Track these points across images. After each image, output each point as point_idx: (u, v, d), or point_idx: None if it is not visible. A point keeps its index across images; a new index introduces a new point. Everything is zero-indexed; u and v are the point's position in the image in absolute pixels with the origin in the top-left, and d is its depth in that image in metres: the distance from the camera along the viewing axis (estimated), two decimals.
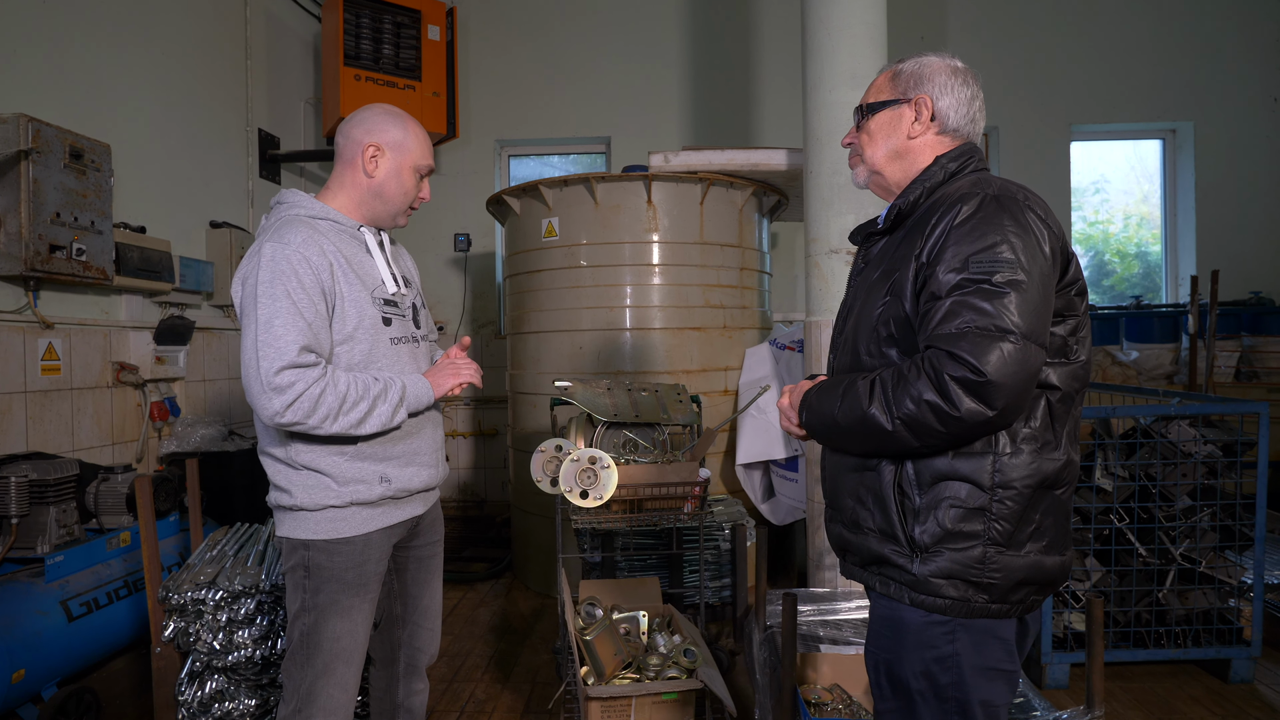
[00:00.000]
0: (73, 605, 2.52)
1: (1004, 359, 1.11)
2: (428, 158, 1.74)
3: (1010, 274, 1.15)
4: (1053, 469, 1.23)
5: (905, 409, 1.17)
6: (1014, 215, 1.20)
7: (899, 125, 1.38)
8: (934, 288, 1.20)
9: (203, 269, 3.89)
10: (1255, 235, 5.43)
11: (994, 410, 1.13)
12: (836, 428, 1.29)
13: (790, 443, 3.62)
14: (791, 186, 4.11)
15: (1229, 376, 4.91)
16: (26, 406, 2.97)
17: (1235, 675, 2.75)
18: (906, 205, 1.34)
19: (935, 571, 1.22)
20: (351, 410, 1.53)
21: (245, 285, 1.53)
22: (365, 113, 1.71)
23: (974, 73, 1.40)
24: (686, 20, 5.61)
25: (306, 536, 1.59)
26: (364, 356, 1.62)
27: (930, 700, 1.26)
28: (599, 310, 3.76)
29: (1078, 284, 1.27)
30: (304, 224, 1.58)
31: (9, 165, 2.74)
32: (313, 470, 1.59)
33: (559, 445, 2.50)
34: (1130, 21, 5.49)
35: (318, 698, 1.61)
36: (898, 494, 1.27)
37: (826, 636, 2.57)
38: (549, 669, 3.02)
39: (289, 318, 1.48)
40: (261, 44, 4.66)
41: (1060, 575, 1.28)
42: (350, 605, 1.62)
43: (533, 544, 3.94)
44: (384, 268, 1.68)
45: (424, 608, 1.89)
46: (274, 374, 1.46)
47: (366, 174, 1.67)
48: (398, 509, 1.69)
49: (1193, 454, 2.72)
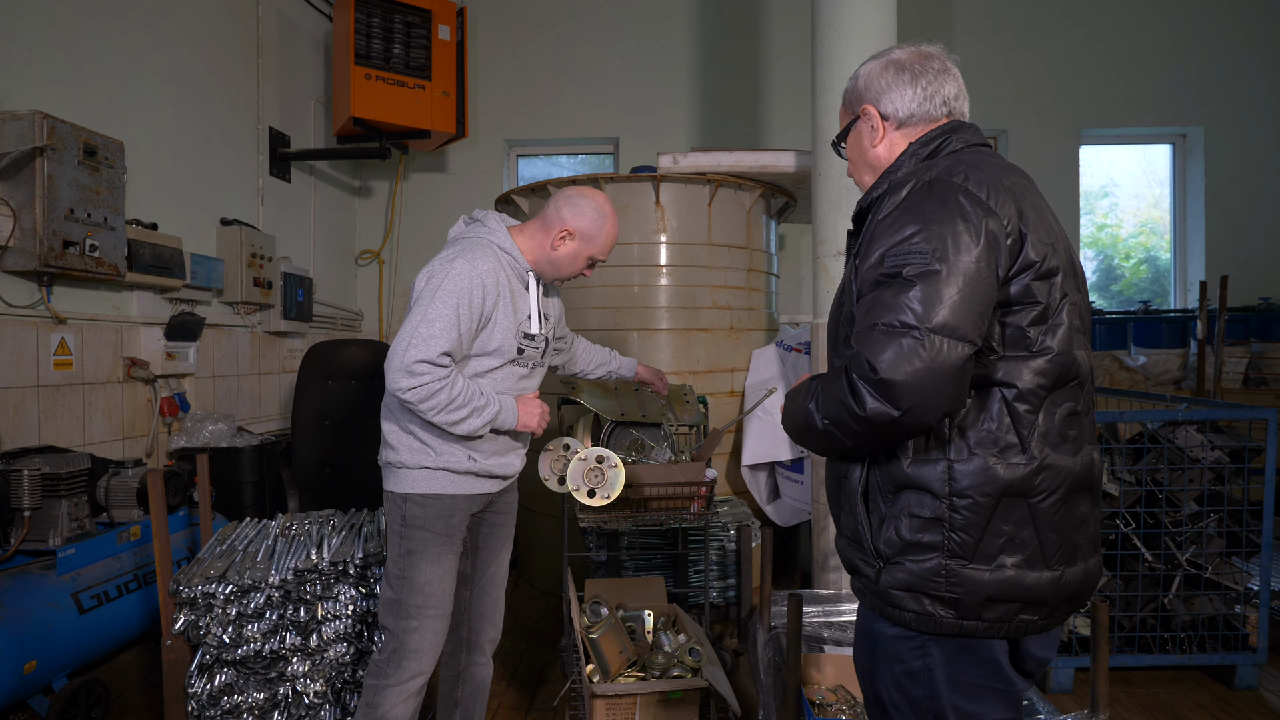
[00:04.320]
0: (84, 598, 2.55)
1: (900, 356, 1.06)
2: (605, 254, 2.06)
3: (922, 265, 1.09)
4: (1016, 475, 1.13)
5: (829, 408, 1.16)
6: (941, 199, 1.13)
7: (860, 141, 1.39)
8: (859, 285, 1.20)
9: (213, 266, 3.92)
10: (1265, 241, 5.40)
11: (899, 410, 1.07)
12: (795, 427, 1.28)
13: (795, 444, 3.63)
14: (799, 188, 4.11)
15: (1237, 382, 4.89)
16: (39, 400, 2.99)
17: (1240, 682, 2.74)
18: (868, 203, 1.30)
19: (895, 583, 1.18)
20: (454, 412, 1.80)
21: (430, 281, 1.82)
22: (580, 199, 2.00)
23: (925, 51, 1.33)
24: (696, 21, 5.62)
25: (405, 490, 1.90)
26: (490, 370, 1.94)
27: (906, 711, 1.23)
28: (606, 310, 3.77)
29: (1036, 267, 1.15)
30: (494, 254, 1.92)
31: (24, 161, 2.77)
32: (418, 438, 1.90)
33: (567, 444, 2.51)
34: (1140, 25, 5.47)
35: (410, 639, 1.89)
36: (864, 501, 1.24)
37: (831, 637, 2.58)
38: (554, 667, 3.03)
39: (447, 325, 1.78)
40: (273, 43, 4.69)
41: (1054, 593, 1.17)
42: (439, 553, 1.91)
43: (538, 542, 3.95)
44: (535, 308, 2.00)
45: (490, 574, 2.19)
46: (414, 361, 1.74)
47: (552, 247, 1.99)
48: (479, 483, 1.97)
49: (1200, 460, 2.72)
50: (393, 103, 4.69)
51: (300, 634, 2.27)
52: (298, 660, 2.28)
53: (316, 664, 2.28)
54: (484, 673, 2.20)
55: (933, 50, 1.34)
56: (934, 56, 1.33)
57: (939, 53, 1.34)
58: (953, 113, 1.33)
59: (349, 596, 2.30)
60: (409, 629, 1.89)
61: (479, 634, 2.18)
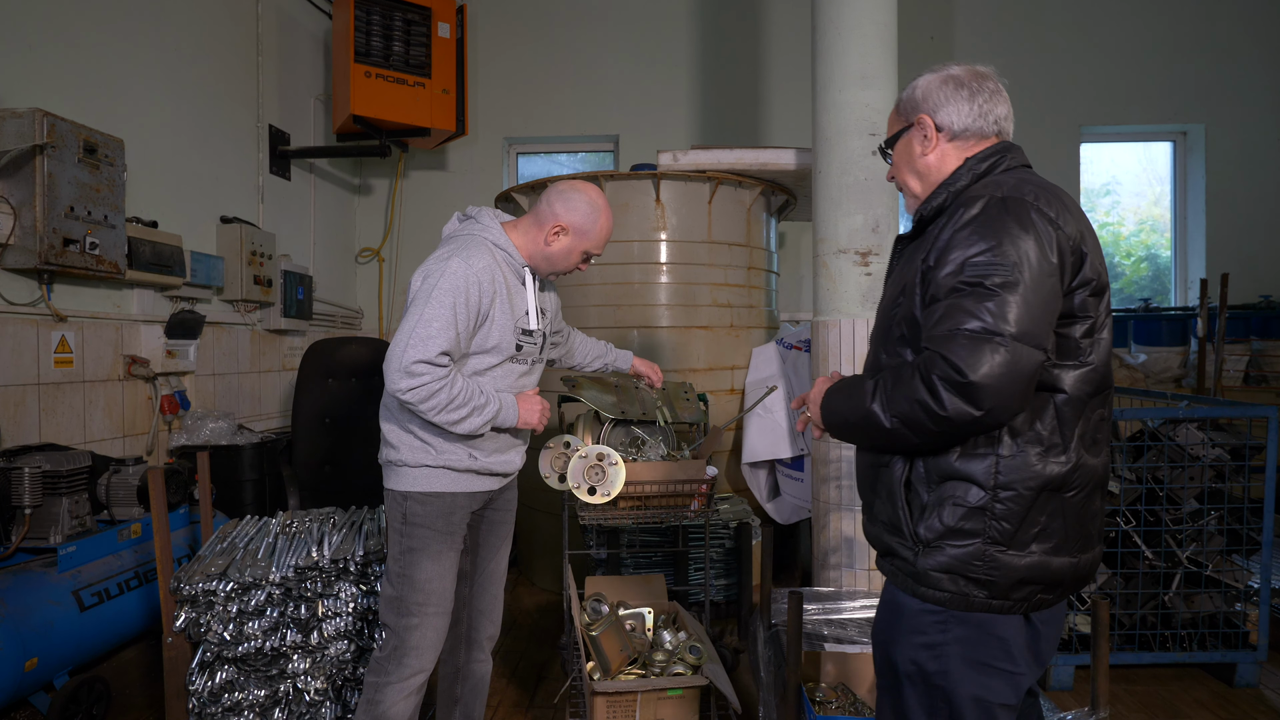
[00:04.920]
0: (84, 595, 2.55)
1: (990, 361, 1.14)
2: (600, 248, 2.03)
3: (1005, 276, 1.18)
4: (1058, 472, 1.24)
5: (900, 408, 1.23)
6: (1018, 217, 1.21)
7: (911, 149, 1.45)
8: (934, 290, 1.26)
9: (213, 264, 3.92)
10: (1265, 239, 5.40)
11: (980, 410, 1.16)
12: (846, 425, 1.38)
13: (796, 442, 3.63)
14: (800, 186, 4.11)
15: (1238, 380, 4.89)
16: (39, 398, 2.99)
17: (1241, 679, 2.75)
18: (929, 211, 1.38)
19: (935, 566, 1.27)
20: (454, 411, 1.80)
21: (425, 281, 1.81)
22: (572, 193, 1.97)
23: (980, 71, 1.41)
24: (695, 19, 5.61)
25: (406, 489, 1.90)
26: (489, 367, 1.93)
27: (917, 684, 1.31)
28: (606, 308, 3.76)
29: (1092, 284, 1.26)
30: (489, 250, 1.90)
31: (24, 159, 2.77)
32: (418, 437, 1.89)
33: (567, 442, 2.51)
34: (1141, 23, 5.46)
35: (411, 636, 1.89)
36: (905, 490, 1.32)
37: (831, 635, 2.57)
38: (554, 664, 3.04)
39: (445, 324, 1.76)
40: (273, 40, 4.68)
41: (1071, 576, 1.28)
42: (440, 551, 1.91)
43: (538, 540, 3.96)
44: (532, 303, 1.99)
45: (490, 571, 2.20)
46: (413, 362, 1.73)
47: (546, 243, 1.97)
48: (480, 481, 1.97)
49: (1200, 457, 2.72)
50: (392, 100, 4.68)
51: (301, 631, 2.28)
52: (298, 657, 2.28)
53: (317, 661, 2.29)
54: (483, 669, 2.21)
55: (987, 71, 1.42)
56: (989, 77, 1.41)
57: (992, 74, 1.42)
58: (1001, 132, 1.42)
59: (349, 594, 2.31)
60: (410, 626, 1.90)
61: (478, 631, 2.19)
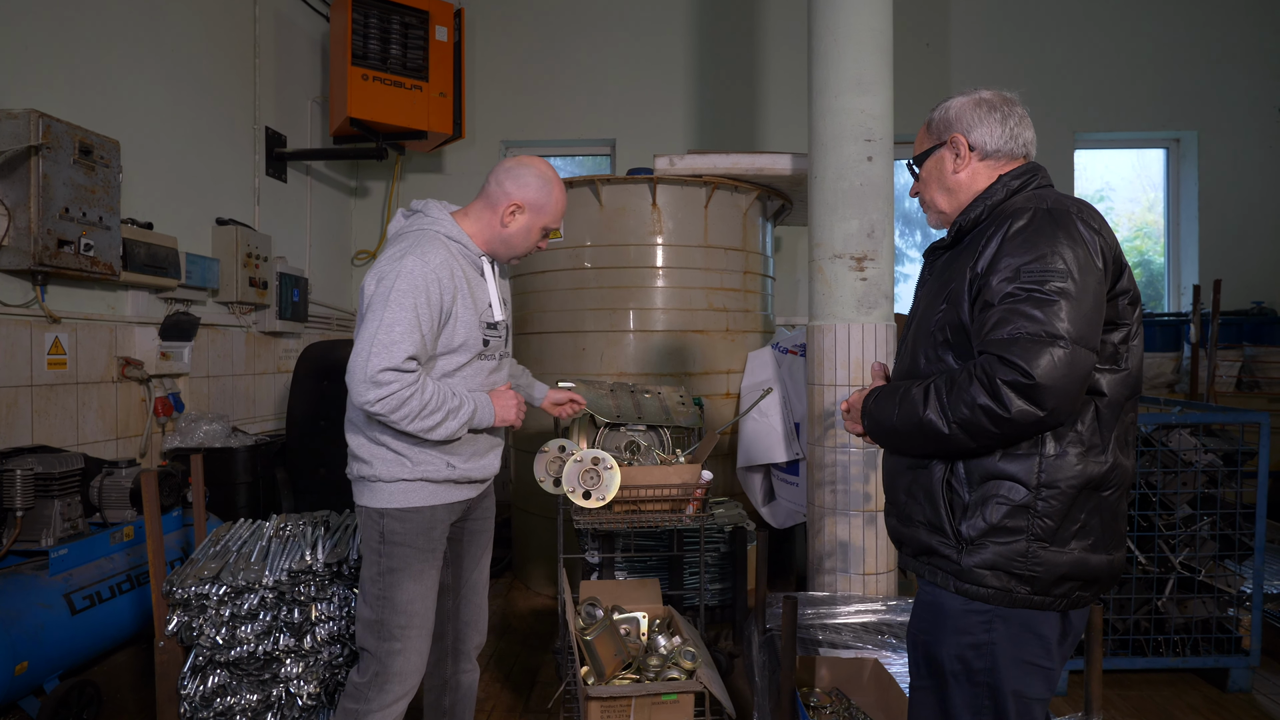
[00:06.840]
0: (76, 599, 2.53)
1: (1053, 363, 1.19)
2: (557, 221, 1.94)
3: (1060, 282, 1.23)
4: (1098, 471, 1.29)
5: (960, 413, 1.26)
6: (1066, 227, 1.28)
7: (942, 166, 1.52)
8: (988, 296, 1.29)
9: (209, 266, 3.91)
10: (1258, 245, 5.43)
11: (1044, 411, 1.20)
12: (895, 433, 1.41)
13: (791, 446, 3.63)
14: (796, 191, 4.12)
15: (1230, 386, 4.92)
16: (32, 400, 2.98)
17: (1233, 684, 2.76)
18: (968, 222, 1.44)
19: (980, 563, 1.30)
20: (428, 418, 1.71)
21: (380, 284, 1.69)
22: (520, 169, 1.88)
23: (1008, 96, 1.50)
24: (693, 24, 5.63)
25: (382, 505, 1.79)
26: (458, 367, 1.83)
27: (963, 682, 1.34)
28: (602, 312, 3.77)
29: (1129, 293, 1.34)
30: (442, 244, 1.78)
31: (19, 160, 2.76)
32: (390, 449, 1.78)
33: (562, 446, 2.51)
34: (1134, 30, 5.50)
35: (394, 661, 1.79)
36: (946, 491, 1.36)
37: (826, 640, 2.57)
38: (549, 669, 3.03)
39: (408, 327, 1.66)
40: (270, 43, 4.68)
41: (1107, 574, 1.33)
42: (421, 570, 1.81)
43: (533, 544, 3.95)
44: (494, 294, 1.89)
45: (473, 582, 2.10)
46: (378, 370, 1.63)
47: (503, 224, 1.87)
48: (458, 490, 1.89)
49: (1193, 463, 2.73)
50: (389, 103, 4.68)
51: (294, 635, 2.27)
52: (291, 662, 2.27)
53: (310, 665, 2.28)
54: (470, 679, 2.15)
55: (1013, 97, 1.51)
56: (1016, 103, 1.50)
57: (1017, 100, 1.51)
58: (1029, 154, 1.50)
59: (343, 598, 2.30)
60: (393, 651, 1.79)
61: (464, 641, 2.12)
